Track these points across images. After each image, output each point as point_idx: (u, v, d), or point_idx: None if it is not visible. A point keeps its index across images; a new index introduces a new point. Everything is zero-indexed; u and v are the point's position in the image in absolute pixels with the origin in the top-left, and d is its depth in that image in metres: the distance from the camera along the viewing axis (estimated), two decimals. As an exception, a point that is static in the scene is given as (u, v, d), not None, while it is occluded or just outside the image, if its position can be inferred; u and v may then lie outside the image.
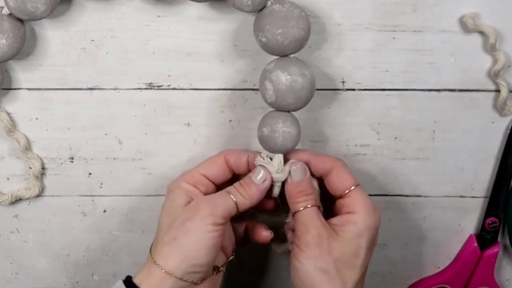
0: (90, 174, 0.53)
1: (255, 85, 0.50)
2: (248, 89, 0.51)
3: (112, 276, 0.57)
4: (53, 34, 0.49)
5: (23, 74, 0.50)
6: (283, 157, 0.48)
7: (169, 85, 0.51)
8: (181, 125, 0.52)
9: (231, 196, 0.46)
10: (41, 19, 0.45)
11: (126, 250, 0.56)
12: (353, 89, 0.51)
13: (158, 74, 0.50)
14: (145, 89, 0.51)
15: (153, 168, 0.53)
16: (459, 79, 0.51)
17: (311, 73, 0.46)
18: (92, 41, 0.49)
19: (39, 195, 0.53)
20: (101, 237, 0.55)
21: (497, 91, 0.51)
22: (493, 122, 0.53)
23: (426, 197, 0.55)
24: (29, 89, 0.50)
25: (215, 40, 0.49)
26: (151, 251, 0.46)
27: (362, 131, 0.53)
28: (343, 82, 0.51)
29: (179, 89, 0.51)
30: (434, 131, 0.53)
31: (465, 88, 0.51)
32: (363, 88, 0.51)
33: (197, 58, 0.50)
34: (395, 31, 0.49)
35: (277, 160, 0.47)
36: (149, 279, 0.45)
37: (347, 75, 0.51)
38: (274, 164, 0.47)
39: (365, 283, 0.47)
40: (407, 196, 0.55)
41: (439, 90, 0.51)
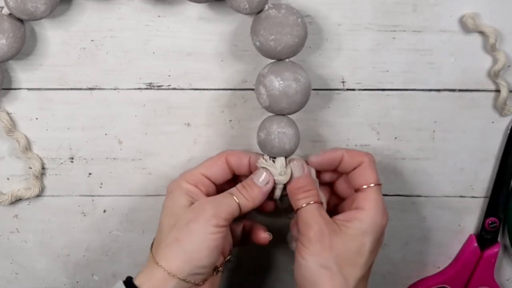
0: (90, 174, 0.53)
1: (255, 85, 0.50)
2: (248, 89, 0.51)
3: (112, 276, 0.57)
4: (53, 34, 0.49)
5: (23, 74, 0.50)
6: (285, 160, 0.48)
7: (169, 85, 0.51)
8: (181, 125, 0.52)
9: (234, 197, 0.46)
10: (41, 19, 0.45)
11: (126, 250, 0.56)
12: (353, 89, 0.51)
13: (158, 74, 0.50)
14: (145, 89, 0.51)
15: (153, 168, 0.53)
16: (459, 79, 0.51)
17: (306, 77, 0.46)
18: (92, 41, 0.49)
19: (39, 195, 0.53)
20: (101, 237, 0.55)
21: (497, 91, 0.51)
22: (493, 122, 0.53)
23: (426, 197, 0.55)
24: (29, 89, 0.50)
25: (215, 40, 0.49)
26: (152, 251, 0.46)
27: (362, 131, 0.53)
28: (343, 82, 0.51)
29: (179, 89, 0.51)
30: (434, 131, 0.53)
31: (465, 88, 0.51)
32: (363, 88, 0.51)
33: (197, 58, 0.50)
34: (395, 31, 0.49)
35: (279, 162, 0.47)
36: (151, 280, 0.44)
37: (347, 75, 0.51)
38: (276, 166, 0.47)
39: (369, 282, 0.48)
40: (407, 196, 0.55)
41: (439, 90, 0.51)
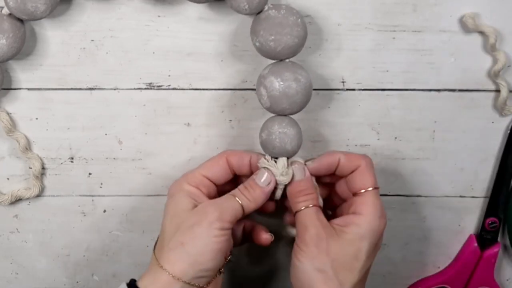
0: (90, 174, 0.53)
1: (255, 85, 0.50)
2: (248, 89, 0.51)
3: (112, 276, 0.57)
4: (53, 34, 0.49)
5: (23, 74, 0.50)
6: (287, 160, 0.48)
7: (169, 85, 0.51)
8: (181, 125, 0.52)
9: (237, 199, 0.46)
10: (41, 19, 0.45)
11: (126, 250, 0.56)
12: (353, 89, 0.51)
13: (158, 74, 0.50)
14: (145, 89, 0.51)
15: (153, 168, 0.53)
16: (459, 79, 0.51)
17: (306, 77, 0.46)
18: (92, 41, 0.49)
19: (39, 195, 0.53)
20: (101, 237, 0.55)
21: (497, 91, 0.51)
22: (493, 122, 0.53)
23: (426, 197, 0.55)
24: (29, 89, 0.50)
25: (215, 40, 0.49)
26: (156, 254, 0.46)
27: (362, 131, 0.53)
28: (343, 82, 0.51)
29: (179, 89, 0.51)
30: (434, 131, 0.53)
31: (465, 88, 0.51)
32: (363, 88, 0.51)
33: (197, 58, 0.50)
34: (395, 31, 0.49)
35: (281, 162, 0.47)
36: (155, 284, 0.44)
37: (347, 75, 0.51)
38: (278, 166, 0.47)
39: (366, 286, 0.47)
40: (407, 196, 0.55)
41: (439, 90, 0.51)
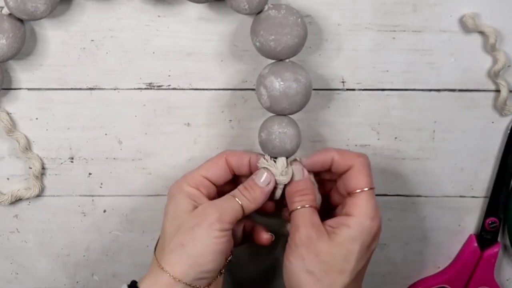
0: (90, 174, 0.53)
1: (255, 85, 0.50)
2: (248, 89, 0.51)
3: (112, 276, 0.57)
4: (53, 34, 0.49)
5: (23, 74, 0.50)
6: (287, 160, 0.48)
7: (169, 85, 0.51)
8: (181, 125, 0.52)
9: (237, 200, 0.46)
10: (41, 19, 0.45)
11: (126, 250, 0.56)
12: (353, 89, 0.51)
13: (158, 74, 0.50)
14: (145, 89, 0.51)
15: (153, 168, 0.53)
16: (459, 79, 0.51)
17: (306, 77, 0.46)
18: (92, 41, 0.49)
19: (39, 195, 0.53)
20: (101, 237, 0.55)
21: (497, 91, 0.51)
22: (493, 122, 0.53)
23: (426, 197, 0.55)
24: (29, 89, 0.50)
25: (215, 40, 0.49)
26: (156, 255, 0.46)
27: (362, 131, 0.53)
28: (343, 82, 0.51)
29: (179, 89, 0.51)
30: (434, 131, 0.53)
31: (465, 88, 0.51)
32: (363, 88, 0.51)
33: (197, 58, 0.50)
34: (395, 31, 0.49)
35: (281, 162, 0.47)
36: (156, 285, 0.44)
37: (347, 75, 0.51)
38: (278, 166, 0.47)
39: (363, 286, 0.47)
40: (407, 196, 0.55)
41: (439, 90, 0.51)
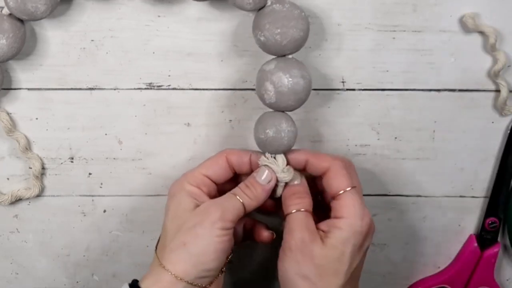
0: (90, 174, 0.53)
1: (255, 85, 0.50)
2: (248, 89, 0.51)
3: (112, 276, 0.57)
4: (53, 34, 0.49)
5: (23, 74, 0.50)
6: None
7: (169, 85, 0.51)
8: (181, 125, 0.52)
9: (238, 198, 0.46)
10: (41, 19, 0.45)
11: (126, 250, 0.56)
12: (353, 89, 0.51)
13: (158, 74, 0.50)
14: (145, 89, 0.51)
15: (153, 168, 0.53)
16: (459, 79, 0.51)
17: (309, 74, 0.46)
18: (92, 41, 0.49)
19: (39, 195, 0.53)
20: (101, 237, 0.55)
21: (497, 91, 0.51)
22: (493, 122, 0.53)
23: (426, 197, 0.55)
24: (29, 89, 0.50)
25: (215, 40, 0.49)
26: (157, 254, 0.46)
27: (362, 131, 0.53)
28: (343, 82, 0.51)
29: (179, 89, 0.51)
30: (434, 131, 0.53)
31: (465, 88, 0.51)
32: (363, 88, 0.51)
33: (197, 58, 0.50)
34: (395, 31, 0.49)
35: (281, 159, 0.47)
36: (158, 284, 0.44)
37: (347, 75, 0.51)
38: (279, 163, 0.47)
39: (359, 284, 0.47)
40: (407, 196, 0.55)
41: (439, 90, 0.51)
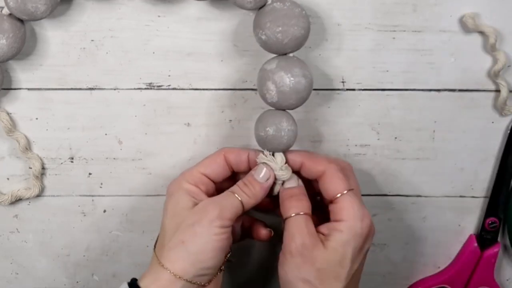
0: (90, 174, 0.53)
1: (255, 85, 0.50)
2: (248, 89, 0.51)
3: (112, 276, 0.57)
4: (53, 34, 0.49)
5: (23, 74, 0.50)
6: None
7: (169, 85, 0.51)
8: (181, 125, 0.52)
9: (236, 196, 0.46)
10: (41, 19, 0.45)
11: (126, 250, 0.56)
12: (353, 89, 0.51)
13: (158, 74, 0.50)
14: (145, 89, 0.51)
15: (153, 168, 0.53)
16: (459, 79, 0.51)
17: (310, 72, 0.46)
18: (92, 41, 0.49)
19: (39, 195, 0.53)
20: (101, 237, 0.55)
21: (497, 91, 0.51)
22: (493, 122, 0.53)
23: (426, 197, 0.55)
24: (29, 89, 0.50)
25: (215, 40, 0.49)
26: (156, 253, 0.46)
27: (362, 131, 0.53)
28: (343, 82, 0.51)
29: (179, 89, 0.51)
30: (434, 131, 0.53)
31: (465, 88, 0.51)
32: (363, 88, 0.51)
33: (197, 58, 0.50)
34: (395, 31, 0.49)
35: (279, 157, 0.47)
36: (157, 282, 0.44)
37: (347, 75, 0.51)
38: (277, 161, 0.47)
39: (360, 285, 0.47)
40: (407, 196, 0.55)
41: (439, 90, 0.51)
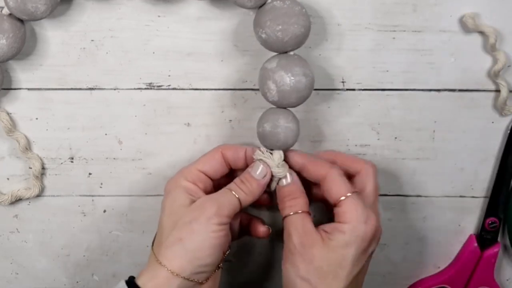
0: (90, 174, 0.53)
1: (255, 85, 0.50)
2: (248, 89, 0.51)
3: (112, 276, 0.57)
4: (53, 34, 0.49)
5: (23, 74, 0.50)
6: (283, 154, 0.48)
7: (169, 85, 0.51)
8: (181, 125, 0.52)
9: (233, 193, 0.46)
10: (41, 19, 0.45)
11: (126, 250, 0.56)
12: (353, 89, 0.51)
13: (158, 74, 0.50)
14: (145, 89, 0.51)
15: (153, 168, 0.53)
16: (459, 79, 0.51)
17: (311, 71, 0.46)
18: (92, 41, 0.49)
19: (39, 195, 0.53)
20: (101, 237, 0.55)
21: (497, 91, 0.51)
22: (493, 122, 0.53)
23: (426, 197, 0.55)
24: (29, 89, 0.50)
25: (215, 40, 0.49)
26: (154, 251, 0.46)
27: (362, 131, 0.53)
28: (343, 82, 0.51)
29: (179, 89, 0.51)
30: (434, 131, 0.53)
31: (465, 88, 0.51)
32: (363, 88, 0.51)
33: (197, 58, 0.50)
34: (395, 31, 0.49)
35: (277, 154, 0.47)
36: (154, 280, 0.44)
37: (347, 75, 0.51)
38: (274, 158, 0.47)
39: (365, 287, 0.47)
40: (407, 196, 0.55)
41: (439, 90, 0.51)
